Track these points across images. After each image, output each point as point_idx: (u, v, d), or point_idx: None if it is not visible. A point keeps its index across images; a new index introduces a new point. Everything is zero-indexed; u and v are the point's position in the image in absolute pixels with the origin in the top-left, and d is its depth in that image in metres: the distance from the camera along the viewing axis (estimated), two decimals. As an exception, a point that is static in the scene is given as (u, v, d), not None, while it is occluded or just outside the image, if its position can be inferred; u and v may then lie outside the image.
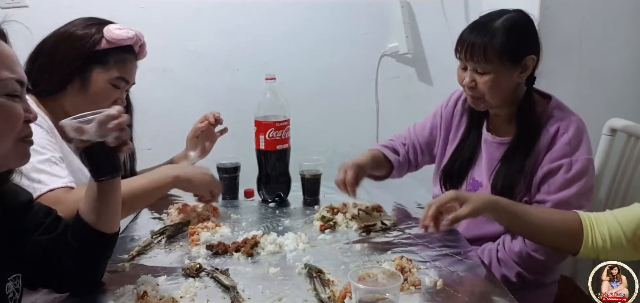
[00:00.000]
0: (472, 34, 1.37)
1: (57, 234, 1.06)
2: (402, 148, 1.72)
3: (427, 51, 2.45)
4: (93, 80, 1.40)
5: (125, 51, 1.43)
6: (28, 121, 0.96)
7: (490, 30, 1.35)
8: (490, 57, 1.34)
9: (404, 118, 1.89)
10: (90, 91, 1.40)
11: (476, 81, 1.39)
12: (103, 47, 1.39)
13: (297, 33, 2.40)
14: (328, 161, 1.70)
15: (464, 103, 1.59)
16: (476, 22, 1.41)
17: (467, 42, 1.37)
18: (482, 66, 1.36)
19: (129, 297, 1.07)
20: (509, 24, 1.36)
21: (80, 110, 1.38)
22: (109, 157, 1.04)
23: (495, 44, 1.34)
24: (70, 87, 1.40)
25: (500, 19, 1.37)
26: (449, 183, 1.57)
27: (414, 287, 1.10)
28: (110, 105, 1.40)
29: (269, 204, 1.66)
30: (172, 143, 1.77)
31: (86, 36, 1.39)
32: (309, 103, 2.36)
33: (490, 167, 1.48)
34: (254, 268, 1.22)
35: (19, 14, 2.15)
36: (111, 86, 1.42)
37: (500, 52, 1.34)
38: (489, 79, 1.37)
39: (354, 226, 1.44)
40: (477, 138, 1.54)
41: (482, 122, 1.54)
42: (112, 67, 1.41)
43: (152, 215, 1.56)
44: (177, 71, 2.38)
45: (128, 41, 1.42)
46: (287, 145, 1.64)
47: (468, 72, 1.41)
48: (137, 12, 2.24)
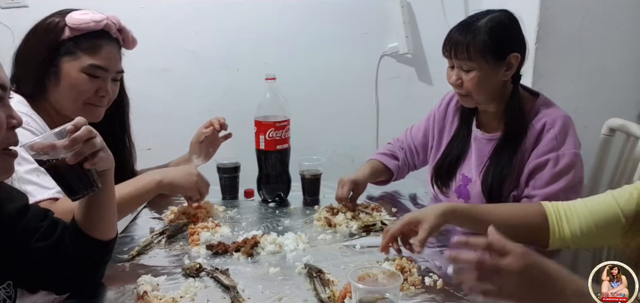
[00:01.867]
0: (457, 33, 1.42)
1: (54, 240, 1.04)
2: (400, 152, 1.75)
3: (427, 51, 2.45)
4: (64, 71, 1.34)
5: (97, 37, 1.35)
6: (12, 127, 0.92)
7: (473, 29, 1.40)
8: (473, 55, 1.39)
9: (404, 118, 1.89)
10: (64, 83, 1.34)
11: (462, 78, 1.43)
12: (68, 35, 1.33)
13: (297, 33, 2.40)
14: (328, 161, 1.71)
15: (456, 103, 1.63)
16: (462, 22, 1.45)
17: (452, 41, 1.42)
18: (467, 63, 1.41)
19: (129, 297, 1.07)
20: (492, 23, 1.40)
21: (63, 106, 1.38)
22: (76, 174, 0.97)
23: (477, 43, 1.38)
24: (48, 83, 1.35)
25: (485, 18, 1.41)
26: (439, 180, 1.60)
27: (414, 287, 1.10)
28: (94, 96, 1.37)
29: (269, 204, 1.66)
30: (172, 143, 1.77)
31: (49, 27, 1.33)
32: (309, 103, 2.36)
33: (479, 163, 1.51)
34: (254, 268, 1.22)
35: (19, 14, 2.16)
36: (86, 76, 1.34)
37: (482, 50, 1.38)
38: (474, 76, 1.41)
39: (354, 226, 1.44)
40: (467, 135, 1.58)
41: (472, 119, 1.57)
42: (82, 55, 1.34)
43: (152, 215, 1.56)
44: (177, 71, 2.38)
45: (93, 25, 1.33)
46: (287, 145, 1.64)
47: (454, 71, 1.45)
48: (137, 12, 2.24)
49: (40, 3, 1.91)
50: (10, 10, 2.16)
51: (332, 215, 1.50)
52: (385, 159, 1.73)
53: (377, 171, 1.70)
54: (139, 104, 1.59)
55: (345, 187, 1.56)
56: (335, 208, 1.55)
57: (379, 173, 1.71)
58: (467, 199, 1.52)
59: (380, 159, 1.73)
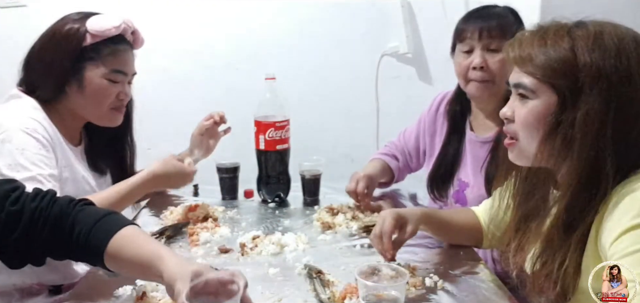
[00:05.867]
0: (481, 15, 1.43)
1: (28, 210, 0.99)
2: (398, 155, 1.75)
3: (427, 51, 2.45)
4: (87, 78, 1.35)
5: (116, 42, 1.37)
6: None
7: (496, 12, 1.43)
8: (506, 32, 1.38)
9: (404, 118, 1.89)
10: (88, 90, 1.36)
11: (487, 61, 1.41)
12: (90, 42, 1.33)
13: (297, 33, 2.39)
14: (328, 161, 1.70)
15: (446, 106, 1.62)
16: (476, 8, 1.47)
17: (481, 21, 1.42)
18: (496, 42, 1.40)
19: (128, 298, 1.07)
20: (509, 9, 1.45)
21: (86, 111, 1.40)
22: None
23: (510, 21, 1.41)
24: (69, 89, 1.36)
25: (498, 7, 1.45)
26: (436, 188, 1.60)
27: (414, 288, 1.10)
28: (116, 100, 1.40)
29: (269, 204, 1.66)
30: (172, 142, 1.76)
31: (70, 34, 1.33)
32: (309, 103, 2.36)
33: (476, 166, 1.50)
34: (254, 268, 1.21)
35: (17, 13, 2.15)
36: (108, 81, 1.37)
37: (511, 27, 1.39)
38: (502, 58, 1.37)
39: (354, 227, 1.43)
40: (460, 139, 1.57)
41: (464, 122, 1.56)
42: (104, 62, 1.35)
43: (152, 215, 1.56)
44: (177, 71, 2.38)
45: (114, 30, 1.35)
46: (287, 145, 1.63)
47: (477, 53, 1.43)
48: (137, 12, 2.23)
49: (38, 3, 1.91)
50: (8, 9, 2.17)
51: (331, 215, 1.50)
52: (389, 159, 1.72)
53: (384, 170, 1.70)
54: (139, 104, 1.59)
55: (362, 183, 1.52)
56: (335, 208, 1.53)
57: (385, 173, 1.70)
58: (464, 204, 1.52)
59: (384, 160, 1.72)
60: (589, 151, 0.89)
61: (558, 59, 0.92)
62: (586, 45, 0.91)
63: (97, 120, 1.44)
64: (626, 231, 0.84)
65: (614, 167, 0.89)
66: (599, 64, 0.89)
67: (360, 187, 1.52)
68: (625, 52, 0.90)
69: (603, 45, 0.90)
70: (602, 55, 0.90)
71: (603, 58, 0.89)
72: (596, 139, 0.89)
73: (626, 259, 0.82)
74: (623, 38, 0.92)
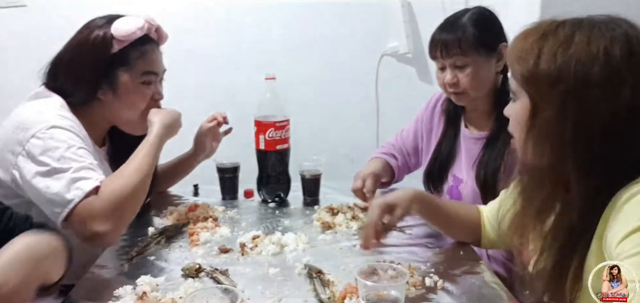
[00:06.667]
0: (443, 33, 1.44)
1: None
2: (397, 153, 1.75)
3: (427, 51, 2.44)
4: (121, 84, 1.34)
5: (143, 43, 1.36)
6: None
7: (459, 25, 1.42)
8: (466, 49, 1.40)
9: (404, 118, 1.89)
10: (123, 96, 1.35)
11: (458, 77, 1.43)
12: (117, 49, 1.32)
13: (297, 33, 2.40)
14: (328, 161, 1.70)
15: (442, 104, 1.63)
16: (445, 22, 1.47)
17: (441, 41, 1.43)
18: (460, 59, 1.42)
19: (128, 297, 1.07)
20: (475, 17, 1.43)
21: (121, 115, 1.39)
22: None
23: (468, 37, 1.40)
24: (102, 95, 1.34)
25: (466, 15, 1.44)
26: (431, 183, 1.61)
27: (414, 287, 1.10)
28: (151, 102, 1.39)
29: (269, 204, 1.66)
30: (172, 142, 1.76)
31: (96, 42, 1.31)
32: (309, 103, 2.36)
33: (470, 162, 1.51)
34: (254, 268, 1.21)
35: (17, 13, 2.15)
36: (142, 84, 1.37)
37: (474, 43, 1.40)
38: (470, 72, 1.42)
39: (354, 227, 1.43)
40: (455, 136, 1.58)
41: (459, 119, 1.57)
42: (134, 65, 1.35)
43: (152, 215, 1.56)
44: (177, 71, 2.37)
45: (139, 32, 1.34)
46: (287, 145, 1.63)
47: (448, 71, 1.46)
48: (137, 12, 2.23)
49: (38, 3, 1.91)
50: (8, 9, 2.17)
51: (331, 215, 1.50)
52: (389, 158, 1.72)
53: (385, 168, 1.69)
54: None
55: (369, 180, 1.52)
56: (335, 208, 1.53)
57: (386, 171, 1.70)
58: (458, 200, 1.52)
59: (385, 158, 1.72)
60: (550, 154, 0.90)
61: (527, 65, 0.93)
62: (550, 51, 0.90)
63: (127, 124, 1.42)
64: (631, 233, 0.84)
65: (588, 171, 0.88)
66: (556, 71, 0.89)
67: (368, 185, 1.51)
68: (590, 58, 0.88)
69: (566, 52, 0.89)
70: (564, 61, 0.89)
71: (564, 64, 0.89)
72: (556, 143, 0.89)
73: (630, 260, 0.82)
74: (593, 43, 0.90)
